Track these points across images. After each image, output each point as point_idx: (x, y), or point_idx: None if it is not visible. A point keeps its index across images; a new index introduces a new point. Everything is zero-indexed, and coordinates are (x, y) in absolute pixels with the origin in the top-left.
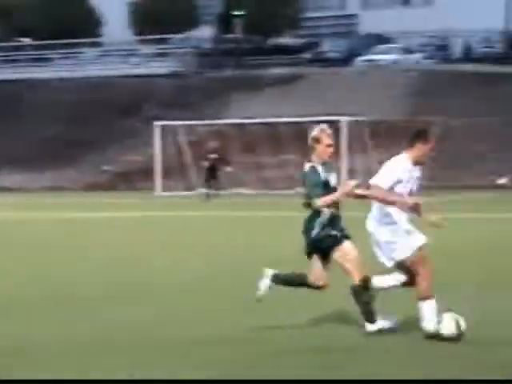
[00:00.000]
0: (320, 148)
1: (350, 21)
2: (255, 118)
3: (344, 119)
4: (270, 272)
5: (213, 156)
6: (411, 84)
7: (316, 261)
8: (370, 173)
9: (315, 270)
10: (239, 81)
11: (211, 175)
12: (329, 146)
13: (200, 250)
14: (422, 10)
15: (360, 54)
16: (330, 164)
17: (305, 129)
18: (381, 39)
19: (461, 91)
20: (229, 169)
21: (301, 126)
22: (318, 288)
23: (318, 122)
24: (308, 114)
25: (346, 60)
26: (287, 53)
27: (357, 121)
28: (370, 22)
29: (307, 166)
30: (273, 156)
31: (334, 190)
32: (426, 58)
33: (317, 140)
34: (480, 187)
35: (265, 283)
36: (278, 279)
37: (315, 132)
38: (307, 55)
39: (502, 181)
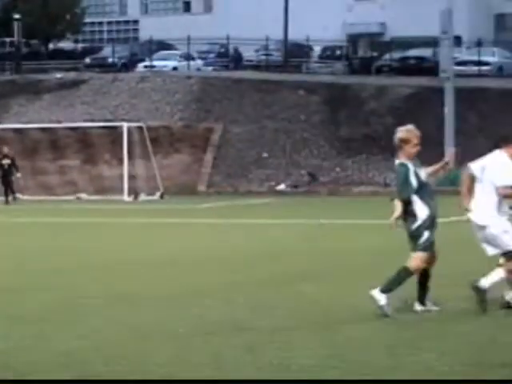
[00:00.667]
0: (407, 148)
1: (130, 27)
2: (34, 123)
3: (125, 125)
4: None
5: (5, 161)
6: (191, 91)
7: None
8: (151, 178)
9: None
10: (18, 85)
11: (4, 181)
12: (416, 145)
13: None
14: (202, 17)
15: (141, 60)
16: (417, 161)
17: (86, 134)
18: (162, 45)
19: (240, 98)
20: (18, 175)
21: (82, 131)
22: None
23: (99, 128)
24: (89, 120)
25: (127, 66)
26: (68, 57)
27: (138, 127)
28: (151, 28)
29: (397, 163)
30: (53, 161)
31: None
32: (206, 64)
33: (405, 141)
34: (260, 193)
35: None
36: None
37: (403, 133)
38: (88, 60)
39: (281, 186)
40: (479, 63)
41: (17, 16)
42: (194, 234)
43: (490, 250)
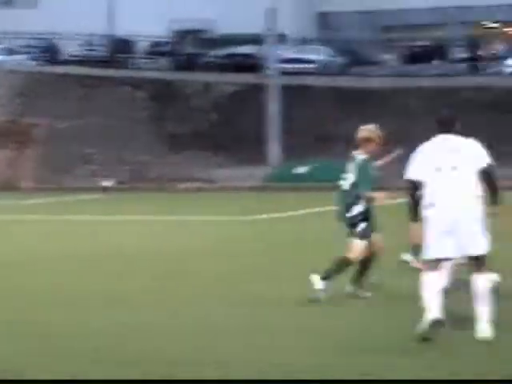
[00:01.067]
0: (369, 146)
1: None
2: None
3: None
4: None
5: None
6: (15, 85)
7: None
8: None
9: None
10: None
11: None
12: (378, 144)
13: None
14: (25, 11)
15: None
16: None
17: None
18: None
19: (65, 93)
20: None
21: None
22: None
23: None
24: None
25: None
26: None
27: None
28: None
29: (360, 158)
30: None
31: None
32: (30, 59)
33: (368, 139)
34: (86, 189)
35: None
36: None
37: (365, 132)
38: None
39: (107, 183)
40: (303, 61)
41: None
42: (19, 232)
43: None
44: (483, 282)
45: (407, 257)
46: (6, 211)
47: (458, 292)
